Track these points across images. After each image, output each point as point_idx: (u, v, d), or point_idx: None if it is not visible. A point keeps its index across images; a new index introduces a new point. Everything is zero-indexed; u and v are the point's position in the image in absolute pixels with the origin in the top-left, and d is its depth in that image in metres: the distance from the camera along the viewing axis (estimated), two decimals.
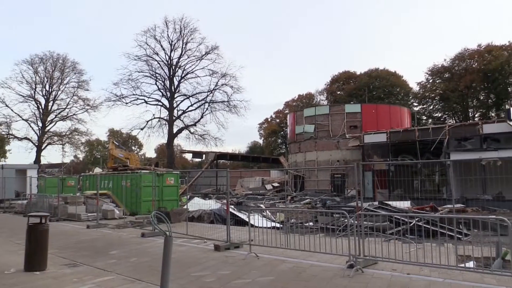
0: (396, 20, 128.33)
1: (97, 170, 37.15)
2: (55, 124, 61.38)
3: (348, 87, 72.09)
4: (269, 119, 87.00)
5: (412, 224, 11.26)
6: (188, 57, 57.93)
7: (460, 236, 10.75)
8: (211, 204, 20.86)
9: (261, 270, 8.06)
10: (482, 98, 63.29)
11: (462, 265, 7.58)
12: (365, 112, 40.42)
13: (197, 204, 19.91)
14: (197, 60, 57.78)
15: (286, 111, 76.10)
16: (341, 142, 39.07)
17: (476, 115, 62.17)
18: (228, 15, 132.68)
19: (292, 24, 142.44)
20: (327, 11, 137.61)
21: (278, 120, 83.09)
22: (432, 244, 9.02)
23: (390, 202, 18.42)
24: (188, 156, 74.17)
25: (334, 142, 39.73)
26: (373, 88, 68.43)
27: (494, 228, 11.18)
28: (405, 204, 19.18)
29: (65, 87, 61.49)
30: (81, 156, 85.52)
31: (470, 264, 7.75)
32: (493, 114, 55.78)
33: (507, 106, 50.20)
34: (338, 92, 74.62)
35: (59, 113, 61.18)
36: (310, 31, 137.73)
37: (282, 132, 78.88)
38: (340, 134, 39.54)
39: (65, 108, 61.46)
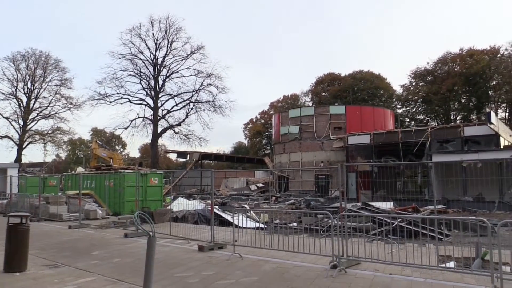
0: (381, 23, 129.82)
1: (80, 169, 36.62)
2: (37, 122, 60.30)
3: (333, 89, 72.65)
4: (254, 120, 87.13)
5: (394, 224, 11.41)
6: (173, 57, 57.66)
7: (441, 237, 10.91)
8: (195, 205, 20.79)
9: (245, 271, 8.06)
10: (463, 101, 64.45)
11: (443, 265, 7.70)
12: (349, 113, 40.78)
13: (181, 204, 19.81)
14: (182, 60, 57.56)
15: (271, 112, 76.28)
16: (326, 143, 39.34)
17: (457, 118, 63.24)
18: (214, 15, 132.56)
19: (278, 25, 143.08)
20: (313, 13, 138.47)
21: (263, 121, 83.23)
22: (414, 244, 9.16)
23: (373, 203, 18.57)
24: (173, 156, 73.75)
25: (319, 143, 39.98)
26: (357, 90, 69.09)
27: (474, 228, 11.39)
28: (388, 205, 19.38)
29: (47, 85, 60.41)
30: (63, 155, 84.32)
31: (451, 264, 7.88)
32: (474, 117, 56.77)
33: (487, 109, 51.15)
34: (323, 94, 75.12)
35: (41, 111, 60.10)
36: (295, 33, 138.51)
37: (267, 133, 79.04)
38: (324, 135, 39.80)
39: (47, 106, 60.38)
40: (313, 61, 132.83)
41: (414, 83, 67.27)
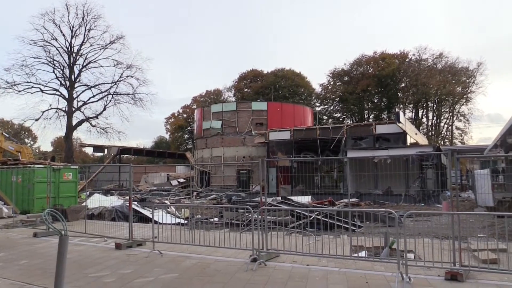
0: (304, 23, 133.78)
1: None
2: None
3: (255, 85, 73.71)
4: (176, 114, 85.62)
5: (312, 217, 11.87)
6: (90, 45, 54.50)
7: (354, 228, 11.55)
8: (113, 201, 19.98)
9: (164, 268, 7.91)
10: (376, 101, 68.85)
11: (356, 254, 8.15)
12: (270, 110, 41.66)
13: (97, 200, 18.90)
14: (100, 49, 54.60)
15: (193, 107, 75.49)
16: (247, 139, 39.83)
17: (370, 117, 67.31)
18: (136, 5, 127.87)
19: (202, 20, 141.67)
20: (238, 10, 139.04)
21: (185, 115, 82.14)
22: (329, 236, 9.59)
23: (292, 197, 19.15)
24: (89, 150, 70.16)
25: (241, 139, 40.36)
26: (279, 87, 70.72)
27: (383, 220, 12.21)
28: (306, 199, 20.09)
29: None
30: None
31: (363, 253, 8.36)
32: (385, 116, 60.77)
33: (396, 110, 55.20)
34: (246, 90, 75.92)
35: None
36: (219, 28, 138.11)
37: (189, 128, 78.17)
38: (246, 131, 40.27)
39: None
40: (236, 57, 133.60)
41: (332, 83, 70.53)
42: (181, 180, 44.83)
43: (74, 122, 53.68)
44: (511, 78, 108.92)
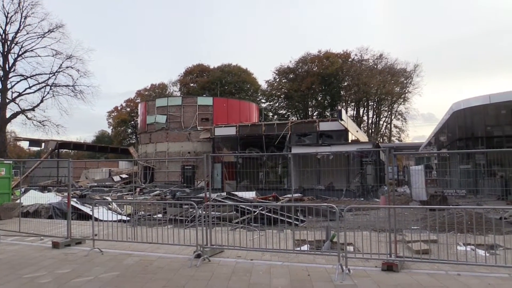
0: (250, 17, 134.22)
1: None
2: None
3: (201, 80, 73.10)
4: (119, 108, 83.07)
5: (256, 213, 12.00)
6: (27, 33, 51.32)
7: (297, 223, 11.81)
8: (50, 198, 19.06)
9: (105, 266, 7.67)
10: (320, 98, 70.64)
11: (298, 248, 8.34)
12: (216, 105, 41.47)
13: (33, 197, 17.97)
14: (38, 38, 51.58)
15: (137, 100, 73.56)
16: (193, 134, 39.44)
17: (314, 114, 69.01)
18: None
19: (146, 12, 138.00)
20: (185, 2, 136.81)
21: (128, 109, 79.91)
22: (273, 231, 9.74)
23: (237, 193, 19.25)
24: (25, 145, 66.25)
25: (186, 134, 39.88)
26: (225, 83, 70.62)
27: (325, 214, 12.58)
28: (251, 194, 20.28)
29: None
30: None
31: (305, 247, 8.58)
32: (328, 114, 62.50)
33: (339, 107, 56.93)
34: (192, 84, 75.11)
35: None
36: (165, 20, 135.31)
37: (132, 122, 76.17)
38: (191, 126, 39.84)
39: None
40: (183, 52, 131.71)
41: (277, 80, 71.45)
42: (124, 175, 43.62)
43: (8, 114, 50.38)
44: (443, 79, 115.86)
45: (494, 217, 10.21)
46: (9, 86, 50.63)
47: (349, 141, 31.04)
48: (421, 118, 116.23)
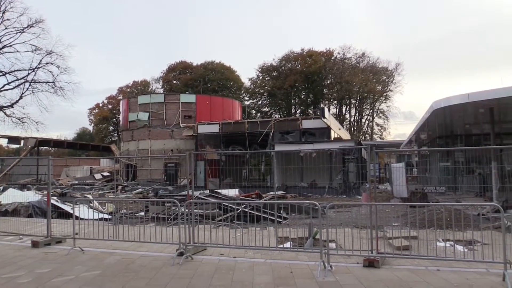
0: (233, 15, 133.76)
1: None
2: None
3: (184, 77, 72.65)
4: (100, 105, 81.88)
5: (239, 210, 12.00)
6: (5, 28, 50.18)
7: (280, 220, 11.85)
8: (30, 196, 18.75)
9: (86, 265, 7.57)
10: (303, 96, 70.95)
11: (281, 246, 8.38)
12: (199, 103, 41.29)
13: (12, 196, 17.65)
14: (17, 33, 50.42)
15: (119, 97, 72.70)
16: (175, 132, 39.22)
17: (297, 112, 69.25)
18: None
19: (128, 8, 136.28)
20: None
21: (110, 106, 78.90)
22: (256, 228, 9.75)
23: (220, 190, 19.19)
24: (3, 142, 64.85)
25: (168, 131, 39.63)
26: (208, 80, 70.32)
27: (308, 211, 12.64)
28: (234, 192, 20.23)
29: None
30: None
31: (288, 244, 8.62)
32: (311, 112, 62.83)
33: (322, 105, 57.31)
34: (174, 82, 74.61)
35: None
36: (147, 16, 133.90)
37: (114, 119, 75.30)
38: (174, 124, 39.61)
39: None
40: (165, 48, 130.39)
41: (261, 77, 71.46)
42: (106, 173, 43.13)
43: None
44: (424, 78, 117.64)
45: (472, 213, 10.43)
46: None
47: (332, 139, 31.29)
48: (402, 116, 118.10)
